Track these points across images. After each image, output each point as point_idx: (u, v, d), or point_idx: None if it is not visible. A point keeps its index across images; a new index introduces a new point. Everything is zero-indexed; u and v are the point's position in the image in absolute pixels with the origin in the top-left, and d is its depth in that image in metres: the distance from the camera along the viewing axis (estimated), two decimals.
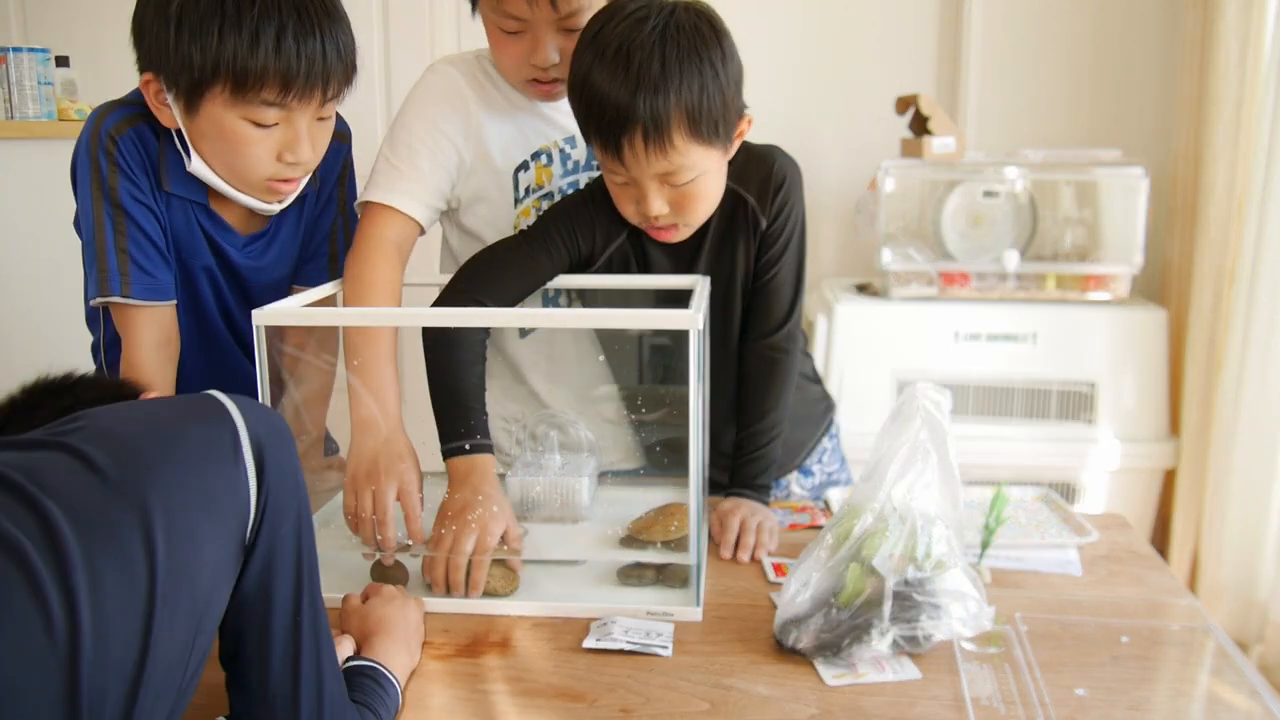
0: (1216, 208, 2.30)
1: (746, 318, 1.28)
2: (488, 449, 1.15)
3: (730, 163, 1.19)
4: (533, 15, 1.19)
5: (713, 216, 1.22)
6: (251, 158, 1.14)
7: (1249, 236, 2.17)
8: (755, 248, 1.24)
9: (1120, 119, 2.79)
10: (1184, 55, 2.52)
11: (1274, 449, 2.14)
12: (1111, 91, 2.79)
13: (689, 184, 1.13)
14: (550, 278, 1.24)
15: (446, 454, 1.15)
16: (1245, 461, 2.20)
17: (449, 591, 1.08)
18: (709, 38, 1.10)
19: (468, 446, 1.13)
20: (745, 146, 1.21)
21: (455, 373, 1.17)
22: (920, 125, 2.50)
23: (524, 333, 1.40)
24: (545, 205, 1.34)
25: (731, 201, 1.22)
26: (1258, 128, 2.15)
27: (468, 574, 1.07)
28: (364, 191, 1.27)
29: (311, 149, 1.16)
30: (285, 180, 1.18)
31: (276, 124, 1.13)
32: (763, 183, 1.22)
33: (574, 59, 1.12)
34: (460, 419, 1.15)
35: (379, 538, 1.11)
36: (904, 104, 2.56)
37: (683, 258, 1.25)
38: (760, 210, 1.22)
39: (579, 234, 1.23)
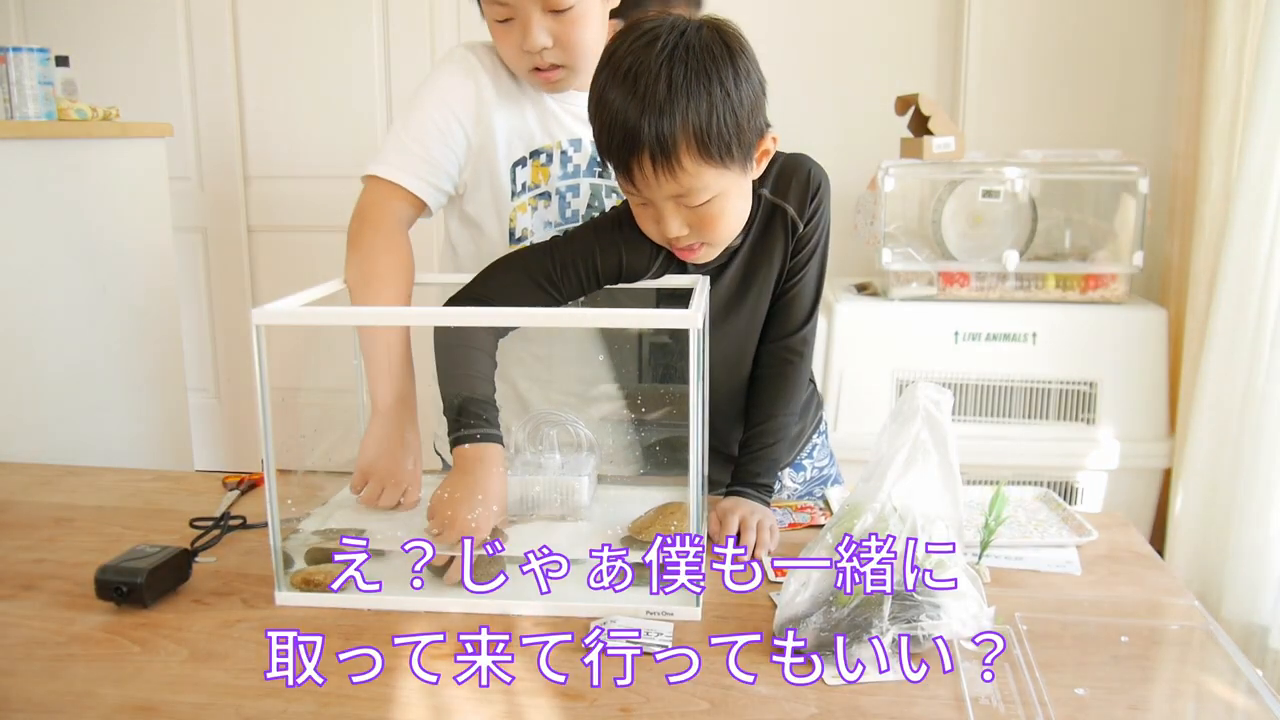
0: (1213, 207, 2.31)
1: (767, 319, 1.28)
2: (497, 439, 1.15)
3: (761, 175, 1.19)
4: (516, 0, 1.21)
5: (750, 224, 1.22)
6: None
7: (1230, 236, 2.18)
8: (790, 252, 1.24)
9: (1119, 119, 2.79)
10: (1182, 56, 2.52)
11: (1233, 447, 2.15)
12: (1111, 91, 2.80)
13: (706, 205, 1.12)
14: (563, 303, 1.24)
15: (456, 441, 1.15)
16: (1205, 462, 2.21)
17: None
18: (720, 57, 1.08)
19: (479, 435, 1.14)
20: (774, 156, 1.21)
21: (471, 365, 1.17)
22: (920, 125, 2.50)
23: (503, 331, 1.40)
24: (542, 204, 1.34)
25: (769, 209, 1.22)
26: (1252, 128, 2.16)
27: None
28: (372, 163, 1.29)
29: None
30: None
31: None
32: (800, 188, 1.22)
33: (594, 76, 1.12)
34: (475, 410, 1.16)
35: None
36: (904, 104, 2.56)
37: (720, 261, 1.24)
38: (799, 216, 1.23)
39: (601, 264, 1.21)
